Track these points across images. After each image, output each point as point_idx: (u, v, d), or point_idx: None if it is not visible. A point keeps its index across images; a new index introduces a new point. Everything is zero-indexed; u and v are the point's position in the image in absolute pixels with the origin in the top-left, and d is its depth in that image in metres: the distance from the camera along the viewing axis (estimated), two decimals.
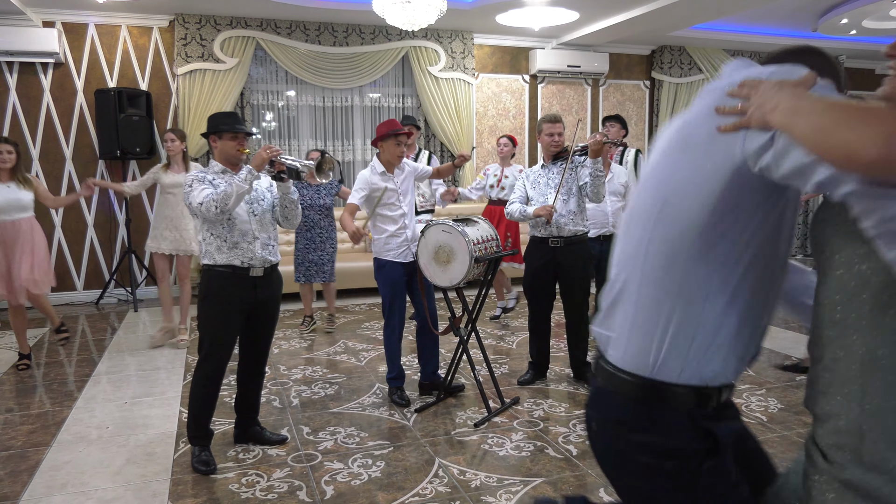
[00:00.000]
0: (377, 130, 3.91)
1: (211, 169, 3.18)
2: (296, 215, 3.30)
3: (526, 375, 4.34)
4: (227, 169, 3.18)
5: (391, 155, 3.87)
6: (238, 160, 3.18)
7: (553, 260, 4.11)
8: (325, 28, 7.37)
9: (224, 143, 3.14)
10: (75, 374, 4.63)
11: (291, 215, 3.28)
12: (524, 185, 4.23)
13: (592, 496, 2.85)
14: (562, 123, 4.14)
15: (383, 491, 2.92)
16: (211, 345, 3.13)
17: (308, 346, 5.29)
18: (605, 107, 8.85)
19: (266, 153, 3.03)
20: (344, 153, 7.77)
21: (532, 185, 4.19)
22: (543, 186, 4.15)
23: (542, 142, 4.17)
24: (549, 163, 4.18)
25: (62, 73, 6.80)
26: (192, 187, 3.04)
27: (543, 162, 4.22)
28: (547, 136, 4.11)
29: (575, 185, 4.11)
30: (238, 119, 3.20)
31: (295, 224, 3.34)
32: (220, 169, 3.17)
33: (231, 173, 3.16)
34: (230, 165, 3.18)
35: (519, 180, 4.31)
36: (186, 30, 6.89)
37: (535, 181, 4.19)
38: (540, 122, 4.19)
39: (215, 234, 3.10)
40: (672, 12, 6.69)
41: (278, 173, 3.14)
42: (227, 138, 3.13)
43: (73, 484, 3.02)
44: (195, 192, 3.02)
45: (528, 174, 4.27)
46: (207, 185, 3.07)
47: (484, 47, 8.19)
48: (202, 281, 3.16)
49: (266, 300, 3.25)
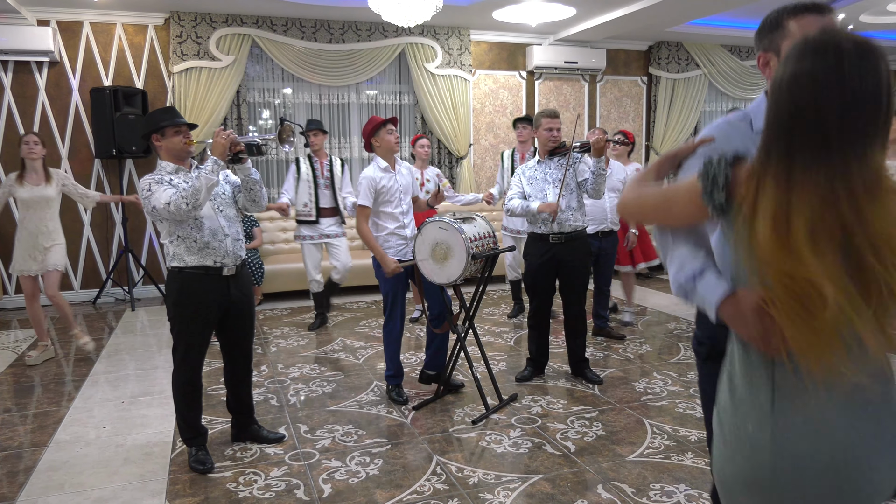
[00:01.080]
0: (363, 134, 3.91)
1: (163, 170, 3.05)
2: (262, 196, 3.21)
3: (524, 372, 4.34)
4: (180, 167, 3.07)
5: (388, 143, 3.87)
6: (187, 155, 3.09)
7: (554, 256, 4.10)
8: (322, 25, 7.35)
9: (168, 141, 3.03)
10: (73, 373, 4.62)
11: (257, 196, 3.19)
12: (521, 181, 4.21)
13: (591, 493, 2.85)
14: (560, 119, 4.14)
15: (381, 489, 2.92)
16: (187, 349, 3.09)
17: (306, 345, 5.28)
18: (602, 103, 8.84)
19: (223, 139, 2.94)
20: (341, 150, 7.75)
21: (529, 181, 4.17)
22: (541, 182, 4.14)
23: (539, 136, 4.16)
24: (545, 158, 4.17)
25: (57, 72, 6.77)
26: (150, 190, 2.92)
27: (539, 157, 4.20)
28: (545, 131, 4.10)
29: (574, 181, 4.10)
30: (177, 112, 3.11)
31: (263, 206, 3.25)
32: (172, 168, 3.05)
33: (184, 171, 3.07)
34: (180, 162, 3.08)
35: (515, 176, 4.29)
36: (182, 27, 6.86)
37: (532, 177, 4.17)
38: (538, 117, 4.17)
39: (183, 236, 3.01)
40: (669, 8, 6.68)
41: (236, 155, 3.04)
42: (171, 134, 3.03)
43: (70, 484, 3.01)
44: (157, 194, 2.90)
45: (524, 170, 4.24)
46: (167, 185, 2.95)
47: (481, 44, 8.17)
48: (170, 284, 3.09)
49: (239, 298, 3.18)
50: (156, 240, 7.23)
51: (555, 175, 4.10)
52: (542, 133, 4.12)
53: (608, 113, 8.88)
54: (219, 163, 2.93)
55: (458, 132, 7.90)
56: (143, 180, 2.98)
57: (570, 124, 8.18)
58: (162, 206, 2.88)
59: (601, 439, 3.40)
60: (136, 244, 7.09)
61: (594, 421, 3.65)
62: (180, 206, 2.86)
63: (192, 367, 3.12)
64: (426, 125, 7.92)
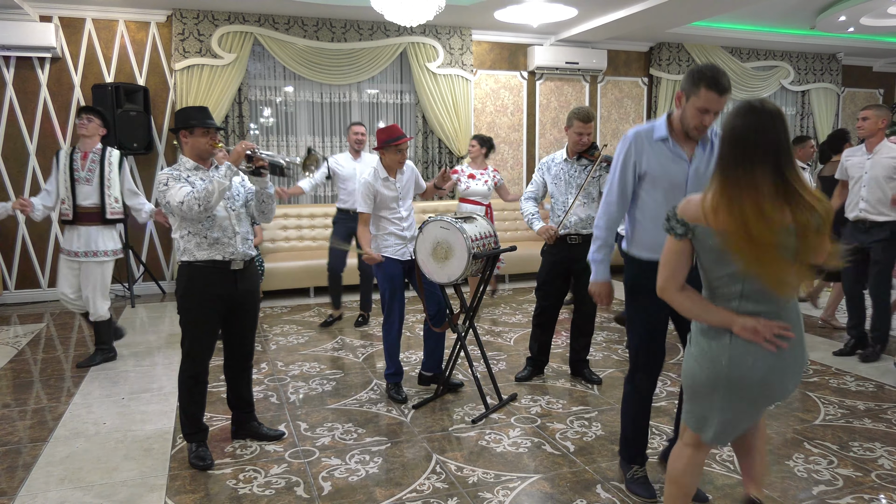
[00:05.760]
0: (377, 136, 3.91)
1: (182, 165, 3.12)
2: (272, 210, 3.28)
3: (523, 372, 4.34)
4: (199, 165, 3.13)
5: (392, 162, 3.87)
6: (209, 155, 3.15)
7: (569, 256, 4.09)
8: (324, 24, 7.35)
9: (195, 139, 3.10)
10: (72, 369, 4.62)
11: (268, 210, 3.26)
12: (542, 177, 4.17)
13: (590, 492, 2.86)
14: (592, 124, 4.02)
15: (381, 487, 2.92)
16: (193, 341, 3.12)
17: (306, 343, 5.29)
18: (603, 104, 8.85)
19: (242, 147, 3.02)
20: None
21: (553, 180, 4.12)
22: (564, 185, 4.07)
23: (569, 136, 4.06)
24: (572, 158, 4.10)
25: (59, 68, 6.77)
26: (167, 186, 2.98)
27: (567, 155, 4.11)
28: (576, 135, 3.99)
29: (596, 190, 4.08)
30: (208, 114, 3.17)
31: (270, 219, 3.33)
32: (191, 165, 3.12)
33: (203, 169, 3.13)
34: (201, 161, 3.14)
35: (537, 171, 4.25)
36: (184, 25, 6.86)
37: (557, 175, 4.11)
38: (571, 117, 4.03)
39: (194, 232, 3.05)
40: (670, 9, 6.68)
41: (257, 168, 3.11)
42: (199, 134, 3.09)
43: (70, 479, 3.02)
44: (173, 191, 2.96)
45: (550, 166, 4.15)
46: (184, 182, 3.02)
47: (482, 44, 8.18)
48: (180, 277, 3.12)
49: (246, 293, 3.22)
50: (156, 237, 7.24)
51: (579, 180, 4.05)
52: (572, 135, 4.02)
53: (609, 114, 8.89)
54: (232, 168, 2.99)
55: (459, 132, 7.90)
56: (161, 173, 3.05)
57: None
58: (175, 203, 2.95)
59: (600, 439, 3.41)
60: (136, 241, 7.09)
61: (593, 421, 3.66)
62: (192, 206, 2.92)
63: (198, 361, 3.14)
64: (427, 124, 7.93)
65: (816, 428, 3.55)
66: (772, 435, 3.44)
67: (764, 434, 2.38)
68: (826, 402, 3.93)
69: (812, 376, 4.39)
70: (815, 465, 3.12)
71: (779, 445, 3.32)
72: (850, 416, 3.72)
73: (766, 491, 2.85)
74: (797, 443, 3.35)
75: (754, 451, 2.34)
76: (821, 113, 9.76)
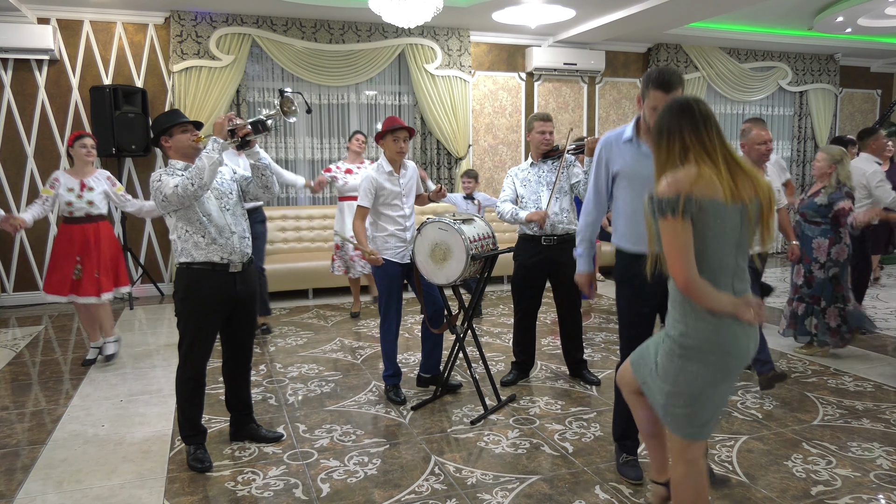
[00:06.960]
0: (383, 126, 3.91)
1: (173, 167, 3.12)
2: (273, 181, 3.28)
3: (509, 376, 4.31)
4: (189, 164, 3.13)
5: (391, 152, 3.86)
6: (195, 152, 3.14)
7: (546, 258, 4.10)
8: (322, 25, 7.36)
9: (176, 140, 3.12)
10: (71, 371, 4.62)
11: (269, 182, 3.26)
12: (513, 183, 4.21)
13: (588, 493, 2.86)
14: (552, 122, 4.15)
15: (379, 488, 2.92)
16: (191, 343, 3.11)
17: (304, 344, 5.28)
18: (601, 104, 8.86)
19: (222, 118, 3.05)
20: (340, 151, 7.75)
21: (522, 184, 4.17)
22: (535, 184, 4.14)
23: (532, 140, 4.16)
24: (538, 161, 4.17)
25: (57, 70, 6.77)
26: (161, 181, 3.00)
27: (532, 160, 4.20)
28: (538, 134, 4.11)
29: (567, 183, 4.11)
30: (181, 113, 3.20)
31: (275, 192, 3.33)
32: (181, 166, 3.12)
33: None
34: (188, 160, 3.14)
35: (507, 178, 4.28)
36: (182, 27, 6.87)
37: (526, 179, 4.17)
38: (531, 120, 4.18)
39: (192, 231, 3.05)
40: (668, 10, 6.70)
41: (244, 139, 3.11)
42: (178, 133, 3.11)
43: (68, 482, 3.01)
44: (165, 184, 2.98)
45: (517, 172, 4.23)
46: (176, 177, 3.04)
47: (480, 45, 8.18)
48: (179, 280, 3.12)
49: (245, 296, 3.21)
50: (154, 239, 7.24)
51: (548, 178, 4.11)
52: (535, 136, 4.12)
53: (607, 115, 8.90)
54: (217, 140, 3.00)
55: (458, 133, 7.91)
56: (154, 174, 3.06)
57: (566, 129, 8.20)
58: (170, 190, 2.94)
59: (599, 440, 3.41)
60: (134, 243, 7.09)
61: (592, 422, 3.66)
62: (187, 186, 2.92)
63: (196, 364, 3.13)
64: (425, 126, 7.93)
65: (815, 428, 3.55)
66: (770, 435, 3.44)
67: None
68: (824, 402, 3.94)
69: (810, 377, 4.39)
70: (813, 465, 3.12)
71: (777, 446, 3.32)
72: (849, 416, 3.72)
73: (765, 491, 2.86)
74: (795, 443, 3.36)
75: (662, 435, 2.49)
76: (818, 114, 9.77)
